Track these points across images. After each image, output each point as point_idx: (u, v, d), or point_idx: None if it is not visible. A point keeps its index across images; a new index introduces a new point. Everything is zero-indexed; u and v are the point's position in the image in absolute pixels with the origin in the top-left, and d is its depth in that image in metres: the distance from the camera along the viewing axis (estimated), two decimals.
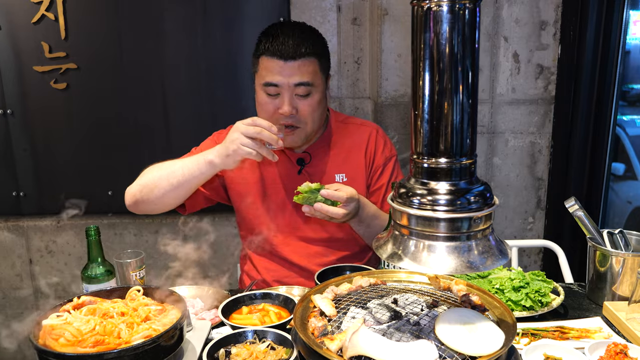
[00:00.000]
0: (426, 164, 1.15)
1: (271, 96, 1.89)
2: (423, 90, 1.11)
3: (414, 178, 1.19)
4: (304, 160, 2.06)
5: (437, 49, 1.09)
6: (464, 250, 1.14)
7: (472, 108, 1.13)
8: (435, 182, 1.15)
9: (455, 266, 1.12)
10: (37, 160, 3.08)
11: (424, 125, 1.13)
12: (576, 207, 1.79)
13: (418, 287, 1.55)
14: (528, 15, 2.75)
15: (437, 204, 1.13)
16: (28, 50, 2.91)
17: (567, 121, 2.81)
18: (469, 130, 1.14)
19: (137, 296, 1.49)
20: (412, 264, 1.14)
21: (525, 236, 3.03)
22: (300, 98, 1.89)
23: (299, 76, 1.86)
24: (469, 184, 1.16)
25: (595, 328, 1.58)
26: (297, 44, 1.84)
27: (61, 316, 1.38)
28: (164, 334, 1.29)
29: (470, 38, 1.09)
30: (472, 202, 1.13)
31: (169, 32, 2.90)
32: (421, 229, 1.15)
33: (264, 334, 1.44)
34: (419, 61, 1.11)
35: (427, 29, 1.08)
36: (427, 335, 1.26)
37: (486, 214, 1.15)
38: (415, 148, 1.17)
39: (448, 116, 1.11)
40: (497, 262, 1.15)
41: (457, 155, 1.14)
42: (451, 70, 1.09)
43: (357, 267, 1.91)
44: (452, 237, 1.13)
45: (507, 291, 1.71)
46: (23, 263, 3.23)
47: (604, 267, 1.76)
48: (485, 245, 1.16)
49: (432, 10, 1.07)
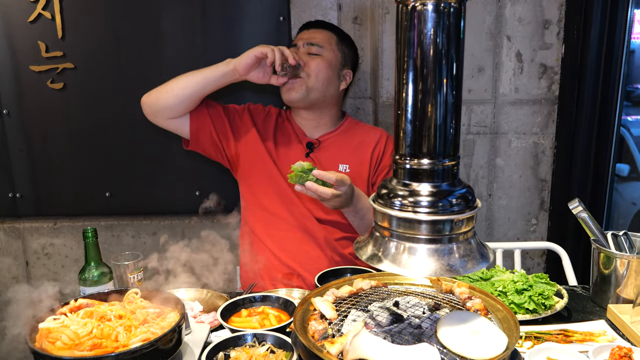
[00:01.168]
0: (408, 165, 1.16)
1: None
2: (406, 89, 1.12)
3: (395, 179, 1.19)
4: (313, 145, 2.26)
5: (421, 49, 1.09)
6: (444, 253, 1.14)
7: (456, 109, 1.13)
8: (417, 183, 1.15)
9: (435, 269, 1.12)
10: (33, 161, 3.08)
11: (406, 125, 1.14)
12: (580, 209, 1.79)
13: (420, 290, 1.55)
14: (531, 14, 2.75)
15: (419, 206, 1.13)
16: (24, 49, 2.91)
17: (570, 121, 2.81)
18: (452, 132, 1.14)
19: (135, 299, 1.50)
20: (392, 266, 1.14)
21: (529, 238, 3.03)
22: (311, 55, 2.21)
23: (312, 38, 2.23)
24: (451, 185, 1.16)
25: (599, 331, 1.58)
26: (320, 22, 2.33)
27: (58, 319, 1.38)
28: (162, 337, 1.29)
29: (455, 38, 1.09)
30: (454, 204, 1.13)
31: (167, 32, 2.91)
32: (402, 230, 1.15)
33: (264, 337, 1.44)
34: (403, 60, 1.11)
35: (412, 27, 1.09)
36: (429, 339, 1.26)
37: (468, 217, 1.15)
38: (398, 149, 1.17)
39: (431, 117, 1.11)
40: (478, 265, 1.15)
41: (440, 157, 1.14)
42: (435, 70, 1.09)
43: (358, 270, 1.91)
44: (433, 240, 1.14)
45: (510, 294, 1.71)
46: (19, 265, 3.23)
47: (608, 270, 1.76)
48: (467, 249, 1.16)
49: (416, 10, 1.07)
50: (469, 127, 2.89)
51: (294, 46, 2.25)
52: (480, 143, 2.91)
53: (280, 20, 2.86)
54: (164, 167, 3.06)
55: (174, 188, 3.09)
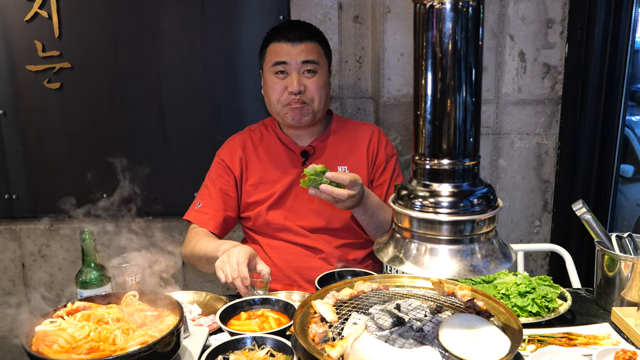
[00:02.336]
0: (428, 166, 1.15)
1: (280, 77, 2.12)
2: (425, 89, 1.12)
3: (415, 180, 1.19)
4: (308, 153, 2.24)
5: (440, 48, 1.09)
6: (466, 254, 1.13)
7: (476, 108, 1.13)
8: (437, 184, 1.15)
9: (458, 270, 1.12)
10: (30, 162, 3.08)
11: (426, 125, 1.13)
12: (584, 210, 1.79)
13: (421, 292, 1.55)
14: (534, 13, 2.75)
15: (440, 207, 1.13)
16: (21, 49, 2.91)
17: (574, 122, 2.81)
18: (472, 131, 1.14)
19: (133, 301, 1.50)
20: (414, 267, 1.14)
21: (532, 240, 3.03)
22: (307, 77, 2.12)
23: (306, 55, 2.11)
24: (472, 185, 1.16)
25: (603, 334, 1.58)
26: (302, 30, 2.13)
27: (55, 322, 1.38)
28: (161, 340, 1.29)
29: (473, 36, 1.09)
30: (475, 204, 1.13)
31: (166, 31, 2.91)
32: (423, 231, 1.15)
33: (263, 341, 1.44)
34: (422, 60, 1.11)
35: (430, 27, 1.09)
36: (431, 342, 1.26)
37: (490, 217, 1.15)
38: (417, 149, 1.17)
39: (451, 116, 1.11)
40: (501, 265, 1.15)
41: (460, 157, 1.14)
42: (454, 69, 1.09)
43: (359, 272, 1.91)
44: (455, 240, 1.13)
45: (512, 296, 1.71)
46: (16, 267, 3.23)
47: (613, 272, 1.76)
48: (489, 249, 1.16)
49: (434, 8, 1.07)
50: None
51: (282, 63, 2.12)
52: (482, 144, 2.91)
53: (280, 19, 2.87)
54: (162, 168, 3.06)
55: (172, 189, 3.09)
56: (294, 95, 2.11)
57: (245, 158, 2.26)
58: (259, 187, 2.24)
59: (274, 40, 2.14)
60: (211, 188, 2.27)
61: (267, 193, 2.22)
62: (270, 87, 2.16)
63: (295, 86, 2.09)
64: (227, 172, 2.26)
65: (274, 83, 2.14)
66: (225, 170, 2.27)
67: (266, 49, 2.17)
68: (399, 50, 2.75)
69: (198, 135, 3.03)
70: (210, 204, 2.25)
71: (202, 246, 2.08)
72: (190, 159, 3.02)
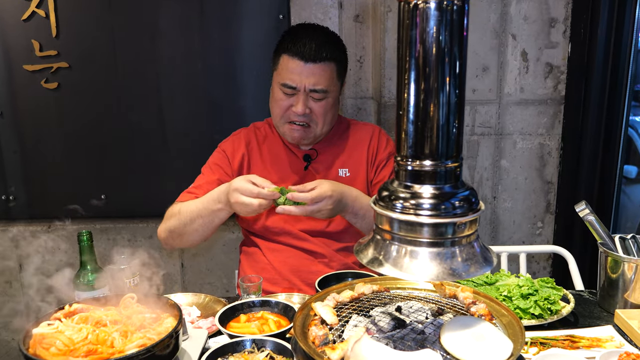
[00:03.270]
0: (410, 167, 1.15)
1: (287, 93, 2.06)
2: (408, 89, 1.12)
3: (397, 181, 1.19)
4: (311, 157, 2.22)
5: (423, 47, 1.09)
6: (447, 257, 1.13)
7: (459, 109, 1.13)
8: (419, 185, 1.15)
9: (437, 273, 1.12)
10: (27, 163, 3.08)
11: (408, 126, 1.13)
12: (587, 212, 1.79)
13: (423, 295, 1.55)
14: (537, 12, 2.76)
15: (421, 208, 1.13)
16: (18, 48, 2.91)
17: (577, 122, 2.81)
18: (455, 132, 1.14)
19: (131, 304, 1.50)
20: (393, 270, 1.14)
21: (534, 241, 3.03)
22: (315, 99, 2.06)
23: (316, 80, 2.02)
24: (453, 187, 1.16)
25: (606, 337, 1.58)
26: (318, 47, 2.01)
27: (52, 324, 1.38)
28: (159, 343, 1.29)
29: (458, 36, 1.09)
30: (456, 206, 1.13)
31: (164, 30, 2.91)
32: (404, 233, 1.15)
33: (263, 343, 1.44)
34: (405, 59, 1.11)
35: (414, 26, 1.09)
36: (432, 345, 1.27)
37: (471, 220, 1.15)
38: (399, 150, 1.17)
39: (434, 117, 1.11)
40: (481, 269, 1.15)
41: (442, 158, 1.14)
42: (437, 69, 1.09)
43: (360, 274, 1.91)
44: (436, 243, 1.13)
45: (515, 299, 1.71)
46: (13, 269, 3.23)
47: (616, 274, 1.76)
48: (470, 252, 1.16)
49: (419, 8, 1.07)
50: (473, 127, 2.89)
51: (291, 88, 2.03)
52: (484, 144, 2.91)
53: (280, 18, 2.87)
54: (161, 169, 3.06)
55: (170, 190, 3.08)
56: (297, 116, 2.07)
57: (248, 155, 2.23)
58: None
59: (287, 51, 2.03)
60: (208, 174, 2.22)
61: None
62: (276, 100, 2.10)
63: (300, 109, 2.04)
64: (227, 163, 2.22)
65: (280, 98, 2.08)
66: (225, 161, 2.22)
67: (279, 58, 2.08)
68: None
69: (197, 136, 3.03)
70: (202, 186, 2.18)
71: (191, 205, 2.06)
72: (190, 159, 3.02)
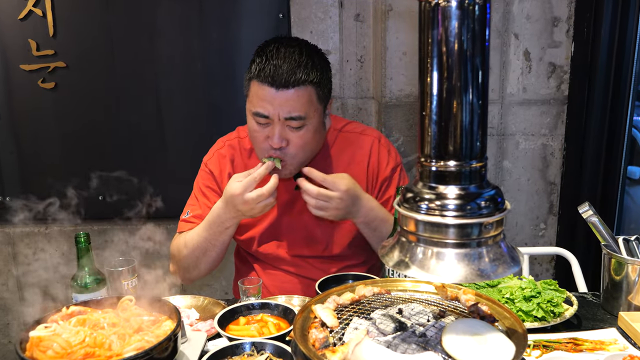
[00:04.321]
0: (434, 167, 1.15)
1: (261, 124, 1.85)
2: (431, 89, 1.11)
3: (421, 182, 1.19)
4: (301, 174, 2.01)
5: (445, 47, 1.09)
6: (474, 258, 1.13)
7: (483, 108, 1.13)
8: (443, 186, 1.15)
9: (465, 274, 1.11)
10: (24, 164, 3.08)
11: (431, 126, 1.13)
12: (590, 213, 1.79)
13: (424, 297, 1.55)
14: (540, 11, 2.76)
15: (446, 209, 1.12)
16: (14, 47, 2.91)
17: (580, 122, 2.82)
18: (479, 132, 1.13)
19: (129, 306, 1.50)
20: (420, 272, 1.14)
21: (537, 243, 3.03)
22: (293, 129, 1.83)
23: (291, 108, 1.79)
24: (479, 188, 1.15)
25: (610, 340, 1.58)
26: (290, 70, 1.77)
27: (49, 327, 1.38)
28: (157, 346, 1.29)
29: (480, 35, 1.09)
30: (482, 207, 1.13)
31: (163, 29, 2.91)
32: (429, 235, 1.14)
33: (263, 346, 1.44)
34: (427, 59, 1.11)
35: (436, 25, 1.09)
36: (434, 347, 1.26)
37: (497, 220, 1.15)
38: (423, 150, 1.17)
39: (457, 117, 1.11)
40: (509, 269, 1.15)
41: (467, 158, 1.13)
42: (460, 68, 1.09)
43: (360, 276, 1.91)
44: (462, 244, 1.13)
45: (517, 301, 1.71)
46: (9, 271, 3.23)
47: (620, 276, 1.76)
48: (497, 252, 1.15)
49: (440, 7, 1.07)
50: None
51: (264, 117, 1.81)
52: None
53: (280, 17, 2.87)
54: (158, 170, 3.06)
55: (169, 191, 3.09)
56: (274, 150, 1.85)
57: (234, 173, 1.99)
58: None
59: (256, 77, 1.80)
60: (201, 199, 2.11)
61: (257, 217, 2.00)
62: (252, 132, 1.90)
63: (276, 141, 1.82)
64: (216, 186, 2.10)
65: (255, 130, 1.87)
66: (215, 184, 2.10)
67: (249, 83, 1.86)
68: (401, 49, 2.75)
69: (196, 136, 3.03)
70: (200, 215, 2.07)
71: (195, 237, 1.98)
72: (188, 160, 3.02)
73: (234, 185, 1.79)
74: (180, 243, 2.05)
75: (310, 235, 2.06)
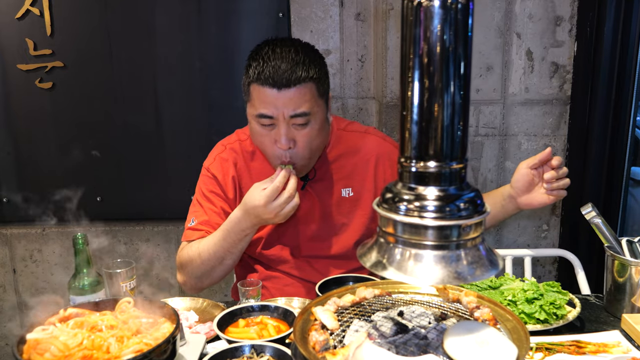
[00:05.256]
0: (414, 168, 1.15)
1: (266, 127, 1.84)
2: (412, 89, 1.12)
3: (401, 182, 1.19)
4: (308, 176, 2.04)
5: (427, 46, 1.09)
6: (452, 260, 1.13)
7: (464, 109, 1.13)
8: (423, 187, 1.15)
9: (443, 276, 1.11)
10: (21, 164, 3.08)
11: (412, 126, 1.13)
12: (593, 214, 1.79)
13: (425, 299, 1.55)
14: (542, 10, 2.76)
15: (425, 211, 1.12)
16: (11, 47, 2.92)
17: (583, 123, 2.82)
18: (460, 133, 1.13)
19: (128, 308, 1.50)
20: (397, 273, 1.14)
21: (539, 245, 3.03)
22: (298, 127, 1.84)
23: (295, 106, 1.80)
24: (458, 189, 1.15)
25: (613, 342, 1.59)
26: (291, 69, 1.78)
27: (47, 329, 1.38)
28: (156, 348, 1.29)
29: (462, 36, 1.09)
30: (461, 209, 1.13)
31: (161, 28, 2.91)
32: (408, 236, 1.14)
33: (262, 349, 1.45)
34: (408, 58, 1.11)
35: (417, 24, 1.09)
36: (435, 350, 1.27)
37: (476, 222, 1.15)
38: (403, 151, 1.17)
39: (438, 117, 1.11)
40: (487, 273, 1.15)
41: (447, 159, 1.13)
42: (442, 69, 1.09)
43: (361, 278, 1.91)
44: (440, 246, 1.13)
45: (520, 303, 1.71)
46: (6, 273, 3.23)
47: (623, 278, 1.76)
48: (475, 255, 1.15)
49: (422, 5, 1.08)
50: (477, 128, 2.89)
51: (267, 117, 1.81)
52: (488, 145, 2.91)
53: (280, 16, 2.88)
54: (158, 171, 3.06)
55: (167, 192, 3.09)
56: (282, 151, 1.85)
57: (238, 178, 2.07)
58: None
59: (257, 81, 1.80)
60: (208, 205, 2.07)
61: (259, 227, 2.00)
62: (255, 136, 1.90)
63: (284, 142, 1.82)
64: (221, 190, 2.07)
65: (260, 134, 1.87)
66: (219, 188, 2.07)
67: (249, 87, 1.85)
68: None
69: (195, 137, 3.04)
70: (209, 222, 2.03)
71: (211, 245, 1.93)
72: (187, 160, 3.02)
73: (256, 196, 1.78)
74: (192, 252, 1.99)
75: (316, 235, 2.07)
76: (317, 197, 2.05)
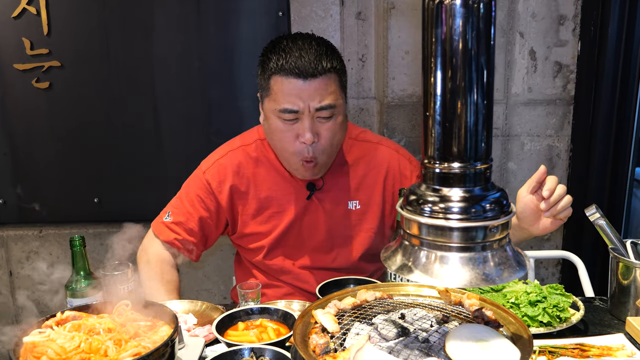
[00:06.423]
0: (438, 169, 1.15)
1: (287, 122, 1.79)
2: (435, 89, 1.11)
3: (424, 184, 1.19)
4: (315, 186, 2.00)
5: (450, 46, 1.09)
6: (479, 262, 1.13)
7: (488, 109, 1.13)
8: (447, 188, 1.14)
9: (470, 279, 1.11)
10: (17, 165, 3.08)
11: (435, 127, 1.13)
12: (597, 216, 1.79)
13: (427, 302, 1.55)
14: (545, 9, 2.76)
15: (450, 212, 1.12)
16: (8, 46, 2.92)
17: (587, 123, 2.82)
18: (484, 133, 1.13)
19: (125, 311, 1.50)
20: (424, 276, 1.14)
21: (543, 247, 3.03)
22: (322, 120, 1.79)
23: (321, 97, 1.75)
24: (483, 190, 1.15)
25: (617, 345, 1.58)
26: (316, 58, 1.74)
27: (44, 332, 1.38)
28: (154, 351, 1.29)
29: (485, 34, 1.09)
30: (487, 209, 1.13)
31: (159, 28, 2.91)
32: (433, 238, 1.14)
33: (262, 352, 1.44)
34: (431, 59, 1.11)
35: (440, 24, 1.09)
36: (437, 353, 1.27)
37: (502, 223, 1.14)
38: (427, 152, 1.16)
39: (462, 117, 1.11)
40: (515, 274, 1.15)
41: (472, 160, 1.13)
42: (465, 68, 1.09)
43: (362, 280, 1.91)
44: (466, 248, 1.13)
45: (522, 306, 1.71)
46: (3, 275, 3.23)
47: (627, 280, 1.76)
48: (502, 256, 1.15)
49: (444, 4, 1.07)
50: None
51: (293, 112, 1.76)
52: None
53: (279, 15, 2.87)
54: (155, 172, 3.06)
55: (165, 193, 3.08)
56: (305, 145, 1.80)
57: (237, 186, 2.02)
58: (257, 218, 2.03)
59: (279, 71, 1.75)
60: (187, 206, 2.03)
61: (266, 227, 2.03)
62: (275, 132, 1.84)
63: (309, 137, 1.77)
64: (211, 198, 2.02)
65: (281, 130, 1.81)
66: (209, 196, 2.02)
67: (268, 81, 1.80)
68: (403, 48, 2.75)
69: (193, 137, 3.04)
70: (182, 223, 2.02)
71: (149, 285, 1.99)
72: (186, 161, 3.02)
73: None
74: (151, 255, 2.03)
75: (320, 246, 2.05)
76: (323, 208, 2.02)
